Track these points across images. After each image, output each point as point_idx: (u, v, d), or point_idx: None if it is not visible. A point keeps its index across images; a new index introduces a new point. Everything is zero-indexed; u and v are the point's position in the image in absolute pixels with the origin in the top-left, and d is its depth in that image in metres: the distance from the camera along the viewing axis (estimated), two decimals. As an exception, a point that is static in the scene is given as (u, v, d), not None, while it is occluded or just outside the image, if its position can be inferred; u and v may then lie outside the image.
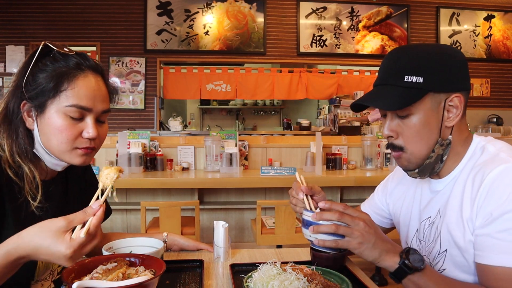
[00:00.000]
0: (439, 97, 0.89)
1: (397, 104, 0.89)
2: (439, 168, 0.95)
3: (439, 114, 0.90)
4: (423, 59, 0.89)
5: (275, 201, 2.74)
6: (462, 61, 0.92)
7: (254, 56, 5.62)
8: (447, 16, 5.90)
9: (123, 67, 5.43)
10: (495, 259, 0.80)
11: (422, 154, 0.93)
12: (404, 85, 0.89)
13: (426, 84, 0.88)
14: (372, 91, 0.96)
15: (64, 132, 0.91)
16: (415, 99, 0.88)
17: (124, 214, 3.41)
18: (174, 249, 1.29)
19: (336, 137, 4.06)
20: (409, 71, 0.88)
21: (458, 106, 0.90)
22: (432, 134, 0.91)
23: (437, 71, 0.88)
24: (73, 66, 0.92)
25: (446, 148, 0.92)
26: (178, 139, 3.67)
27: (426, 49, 0.92)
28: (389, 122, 0.95)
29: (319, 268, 1.04)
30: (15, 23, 5.30)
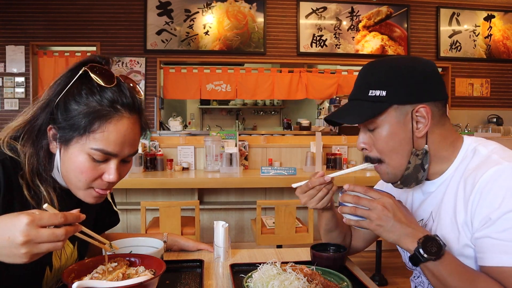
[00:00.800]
0: (404, 109, 0.91)
1: (361, 117, 0.92)
2: (423, 177, 0.95)
3: (407, 125, 0.91)
4: (386, 73, 0.92)
5: (275, 201, 2.74)
6: (429, 72, 0.92)
7: (254, 56, 5.62)
8: (447, 16, 5.90)
9: (123, 67, 5.42)
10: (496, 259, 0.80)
11: (398, 165, 0.94)
12: (369, 99, 0.92)
13: (389, 97, 0.90)
14: (343, 106, 1.00)
15: (84, 173, 0.86)
16: (377, 112, 0.91)
17: (124, 214, 3.41)
18: (174, 249, 1.29)
19: (336, 137, 4.06)
20: (373, 86, 0.92)
21: (425, 117, 0.90)
22: (403, 145, 0.92)
23: (399, 84, 0.90)
24: (108, 104, 0.85)
25: (424, 157, 0.93)
26: (178, 139, 3.67)
27: (391, 63, 0.94)
28: (362, 134, 0.98)
29: (319, 268, 1.04)
30: (15, 23, 5.30)
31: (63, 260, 0.99)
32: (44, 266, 0.94)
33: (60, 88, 0.87)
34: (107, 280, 0.83)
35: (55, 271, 0.97)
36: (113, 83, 0.88)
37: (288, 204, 2.62)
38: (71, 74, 0.88)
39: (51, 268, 0.95)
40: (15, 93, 5.30)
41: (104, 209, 1.20)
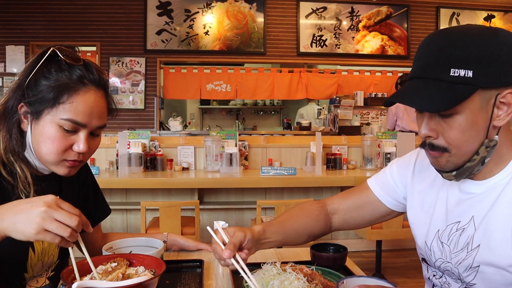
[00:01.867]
0: (489, 93, 0.76)
1: (443, 104, 0.75)
2: (477, 171, 0.83)
3: (488, 113, 0.77)
4: (473, 49, 0.75)
5: (275, 201, 2.74)
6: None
7: (254, 56, 5.62)
8: (447, 16, 5.91)
9: (123, 67, 5.43)
10: None
11: (465, 156, 0.81)
12: (450, 79, 0.75)
13: (476, 79, 0.74)
14: (409, 86, 0.81)
15: (55, 142, 0.91)
16: (463, 97, 0.75)
17: (124, 214, 3.41)
18: (174, 249, 1.29)
19: (336, 137, 4.06)
20: (457, 63, 0.75)
21: (511, 103, 0.77)
22: (478, 135, 0.79)
23: (488, 62, 0.74)
24: (76, 79, 0.92)
25: (491, 150, 0.81)
26: (178, 139, 3.67)
27: (476, 35, 0.76)
28: (428, 120, 0.82)
29: (319, 268, 1.04)
30: (15, 23, 5.31)
31: (46, 243, 1.01)
32: (27, 248, 0.97)
33: (30, 70, 0.92)
34: (107, 280, 0.83)
35: (39, 254, 0.99)
36: (80, 62, 0.94)
37: (288, 204, 2.62)
38: (40, 56, 0.93)
39: (34, 250, 0.98)
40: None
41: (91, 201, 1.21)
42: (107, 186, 2.95)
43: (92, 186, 1.22)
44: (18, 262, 0.96)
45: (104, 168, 3.39)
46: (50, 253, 1.03)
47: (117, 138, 3.19)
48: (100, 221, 1.25)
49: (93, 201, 1.22)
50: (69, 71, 0.92)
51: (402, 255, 3.44)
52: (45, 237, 0.75)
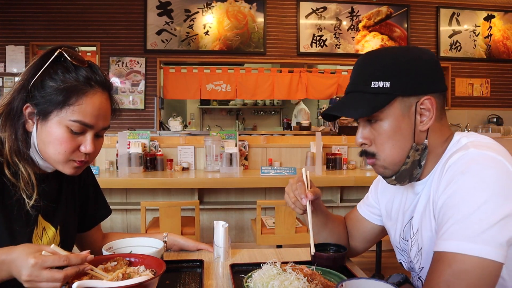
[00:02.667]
0: (409, 101, 0.86)
1: (364, 111, 0.87)
2: (418, 174, 0.91)
3: (410, 119, 0.87)
4: (389, 63, 0.87)
5: (275, 201, 2.74)
6: (431, 62, 0.88)
7: (254, 56, 5.62)
8: (447, 16, 5.91)
9: (123, 67, 5.43)
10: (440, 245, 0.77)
11: (396, 160, 0.89)
12: (371, 91, 0.86)
13: (394, 88, 0.85)
14: (342, 99, 0.94)
15: (63, 144, 0.93)
16: (382, 104, 0.86)
17: (124, 214, 3.41)
18: (174, 249, 1.30)
19: (336, 137, 4.06)
20: (376, 76, 0.86)
21: (430, 109, 0.86)
22: (405, 139, 0.88)
23: (404, 74, 0.86)
24: (83, 81, 0.93)
25: (423, 152, 0.89)
26: (178, 139, 3.67)
27: (393, 53, 0.90)
28: (362, 129, 0.93)
29: (319, 268, 1.04)
30: (15, 23, 5.31)
31: (45, 242, 1.01)
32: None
33: (35, 71, 0.93)
34: (107, 280, 0.83)
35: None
36: (85, 64, 0.96)
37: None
38: (45, 57, 0.94)
39: None
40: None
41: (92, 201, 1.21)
42: (107, 186, 2.95)
43: (92, 186, 1.23)
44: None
45: (104, 168, 3.39)
46: None
47: (117, 138, 3.19)
48: (100, 222, 1.26)
49: (93, 201, 1.22)
50: (76, 73, 0.93)
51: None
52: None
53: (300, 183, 1.09)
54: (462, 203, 0.76)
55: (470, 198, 0.75)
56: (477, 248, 0.72)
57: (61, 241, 1.06)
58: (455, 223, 0.75)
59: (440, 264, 0.76)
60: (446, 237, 0.76)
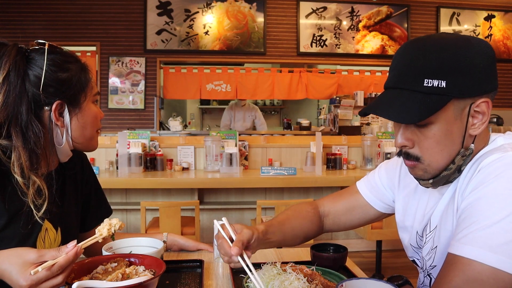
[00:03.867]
0: (463, 103, 0.77)
1: (417, 115, 0.75)
2: (454, 178, 0.84)
3: (462, 122, 0.78)
4: (446, 59, 0.75)
5: (275, 201, 2.74)
6: (490, 57, 0.78)
7: (254, 56, 5.62)
8: (447, 16, 5.91)
9: (123, 67, 5.42)
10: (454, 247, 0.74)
11: (440, 165, 0.81)
12: (423, 90, 0.75)
13: (450, 89, 0.75)
14: (384, 96, 0.82)
15: (98, 116, 1.04)
16: (437, 107, 0.75)
17: (124, 214, 3.41)
18: (174, 249, 1.29)
19: (336, 137, 4.06)
20: (430, 73, 0.75)
21: (485, 112, 0.78)
22: (454, 144, 0.79)
23: (462, 72, 0.75)
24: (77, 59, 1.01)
25: (467, 158, 0.81)
26: (178, 139, 3.67)
27: (449, 45, 0.77)
28: (403, 130, 0.82)
29: (319, 268, 1.04)
30: (15, 23, 5.30)
31: (47, 244, 1.01)
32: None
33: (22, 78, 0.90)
34: (107, 280, 0.83)
35: None
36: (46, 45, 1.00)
37: (288, 204, 2.62)
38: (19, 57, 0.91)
39: None
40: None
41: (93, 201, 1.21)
42: (107, 186, 2.95)
43: (94, 186, 1.23)
44: None
45: (104, 168, 3.39)
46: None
47: (117, 138, 3.19)
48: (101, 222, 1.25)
49: (94, 201, 1.22)
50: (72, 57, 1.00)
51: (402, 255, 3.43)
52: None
53: (221, 240, 0.94)
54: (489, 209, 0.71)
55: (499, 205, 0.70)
56: (496, 259, 0.67)
57: (63, 242, 1.05)
58: (479, 229, 0.70)
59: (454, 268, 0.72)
60: (466, 241, 0.71)
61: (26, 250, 0.78)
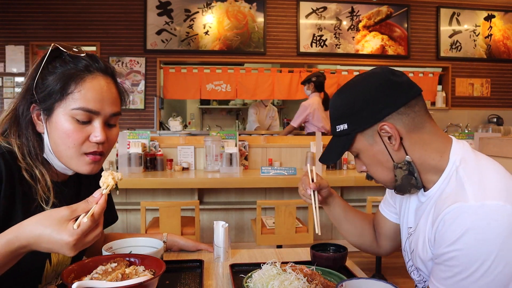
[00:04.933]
0: (370, 131, 0.91)
1: (335, 156, 0.97)
2: (418, 182, 0.92)
3: (380, 144, 0.91)
4: (342, 106, 0.93)
5: (275, 201, 2.74)
6: (380, 86, 0.89)
7: (254, 56, 5.62)
8: (447, 16, 5.90)
9: (123, 67, 5.43)
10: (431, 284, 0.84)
11: (388, 180, 0.95)
12: (337, 134, 0.96)
13: (350, 128, 0.92)
14: (328, 144, 1.02)
15: (71, 136, 0.88)
16: (347, 145, 0.94)
17: (124, 214, 3.41)
18: (174, 250, 1.29)
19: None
20: (336, 121, 0.95)
21: (390, 132, 0.88)
22: (385, 162, 0.92)
23: (355, 113, 0.90)
24: (82, 68, 0.90)
25: (409, 166, 0.90)
26: (178, 139, 3.67)
27: (346, 92, 0.94)
28: (356, 161, 1.01)
29: (319, 268, 1.04)
30: (15, 23, 5.30)
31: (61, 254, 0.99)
32: (45, 260, 0.95)
33: (36, 72, 0.90)
34: (107, 280, 0.83)
35: (54, 265, 0.98)
36: (83, 53, 0.92)
37: (288, 204, 2.62)
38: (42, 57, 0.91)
39: (50, 262, 0.96)
40: (15, 93, 5.30)
41: None
42: (107, 186, 2.95)
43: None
44: (34, 273, 0.94)
45: (104, 168, 3.38)
46: (64, 264, 1.02)
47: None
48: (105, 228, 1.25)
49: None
50: (74, 63, 0.90)
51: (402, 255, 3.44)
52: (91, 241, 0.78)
53: (305, 177, 1.18)
54: (466, 262, 0.78)
55: (472, 258, 0.77)
56: None
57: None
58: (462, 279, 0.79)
59: None
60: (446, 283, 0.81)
61: (56, 210, 0.76)
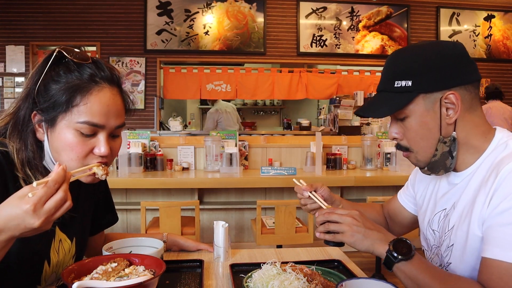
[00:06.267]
0: (432, 97, 0.89)
1: (386, 111, 0.93)
2: (452, 164, 0.93)
3: (436, 113, 0.90)
4: (411, 62, 0.91)
5: (275, 201, 2.74)
6: (455, 56, 0.90)
7: (254, 56, 5.62)
8: (447, 16, 5.91)
9: (123, 67, 5.43)
10: (493, 252, 0.80)
11: (426, 153, 0.94)
12: (395, 90, 0.92)
13: (415, 86, 0.89)
14: (371, 99, 1.00)
15: (74, 149, 0.86)
16: (404, 103, 0.90)
17: (124, 214, 3.41)
18: (174, 249, 1.29)
19: (336, 137, 4.06)
20: (398, 76, 0.91)
21: (455, 103, 0.88)
22: (431, 133, 0.91)
23: (425, 72, 0.89)
24: (87, 78, 0.87)
25: (452, 144, 0.91)
26: (178, 139, 3.67)
27: (416, 51, 0.93)
28: (393, 125, 0.98)
29: (319, 268, 1.04)
30: (15, 23, 5.30)
31: (61, 255, 0.99)
32: (43, 261, 0.94)
33: (38, 76, 0.87)
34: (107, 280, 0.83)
35: (53, 266, 0.97)
36: (89, 60, 0.90)
37: (288, 204, 2.62)
38: (46, 60, 0.88)
39: (49, 263, 0.96)
40: (15, 93, 5.30)
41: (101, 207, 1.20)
42: (107, 186, 2.95)
43: (104, 191, 1.22)
44: (32, 275, 0.93)
45: (104, 168, 3.39)
46: (64, 265, 1.01)
47: (117, 138, 3.18)
48: (105, 228, 1.25)
49: (103, 207, 1.21)
50: (79, 71, 0.87)
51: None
52: (55, 218, 0.73)
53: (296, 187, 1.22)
54: None
55: None
56: None
57: (76, 252, 1.05)
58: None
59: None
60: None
61: (16, 193, 0.73)
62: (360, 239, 0.89)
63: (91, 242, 1.21)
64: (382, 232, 0.91)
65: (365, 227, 0.90)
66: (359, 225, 0.90)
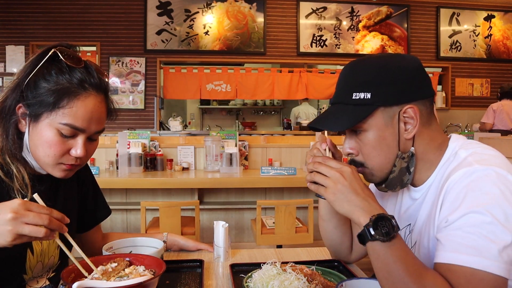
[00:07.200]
0: (391, 111, 0.86)
1: (344, 123, 0.87)
2: (408, 180, 0.91)
3: (394, 128, 0.87)
4: (370, 74, 0.87)
5: (275, 201, 2.74)
6: (414, 70, 0.87)
7: (254, 56, 5.62)
8: (447, 16, 5.91)
9: (123, 67, 5.43)
10: (446, 257, 0.76)
11: (383, 168, 0.90)
12: (352, 102, 0.87)
13: (374, 99, 0.85)
14: (326, 110, 0.95)
15: (52, 147, 0.90)
16: (363, 116, 0.86)
17: (124, 214, 3.41)
18: (174, 249, 1.30)
19: (335, 137, 4.06)
20: (357, 88, 0.87)
21: (414, 117, 0.85)
22: (390, 148, 0.88)
23: (385, 84, 0.85)
24: (77, 83, 0.90)
25: (410, 160, 0.89)
26: (178, 139, 3.67)
27: (374, 63, 0.89)
28: (348, 139, 0.93)
29: (319, 268, 1.04)
30: (15, 23, 5.31)
31: (45, 244, 1.00)
32: (25, 249, 0.96)
33: (30, 70, 0.91)
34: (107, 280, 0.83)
35: (38, 255, 0.99)
36: (81, 64, 0.93)
37: (288, 204, 2.62)
38: (41, 56, 0.92)
39: (32, 251, 0.97)
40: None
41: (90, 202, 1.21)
42: (107, 186, 2.95)
43: (91, 185, 1.22)
44: (15, 263, 0.95)
45: (104, 168, 3.39)
46: (50, 254, 1.02)
47: (117, 138, 3.19)
48: (99, 222, 1.25)
49: (92, 201, 1.21)
50: (70, 74, 0.90)
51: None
52: (23, 240, 0.75)
53: (320, 135, 1.07)
54: (470, 219, 0.75)
55: (478, 216, 0.74)
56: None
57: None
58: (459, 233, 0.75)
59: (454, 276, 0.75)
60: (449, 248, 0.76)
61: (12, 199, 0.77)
62: (340, 200, 0.81)
63: (87, 238, 1.22)
64: (368, 200, 0.81)
65: (351, 188, 0.81)
66: (345, 184, 0.81)
